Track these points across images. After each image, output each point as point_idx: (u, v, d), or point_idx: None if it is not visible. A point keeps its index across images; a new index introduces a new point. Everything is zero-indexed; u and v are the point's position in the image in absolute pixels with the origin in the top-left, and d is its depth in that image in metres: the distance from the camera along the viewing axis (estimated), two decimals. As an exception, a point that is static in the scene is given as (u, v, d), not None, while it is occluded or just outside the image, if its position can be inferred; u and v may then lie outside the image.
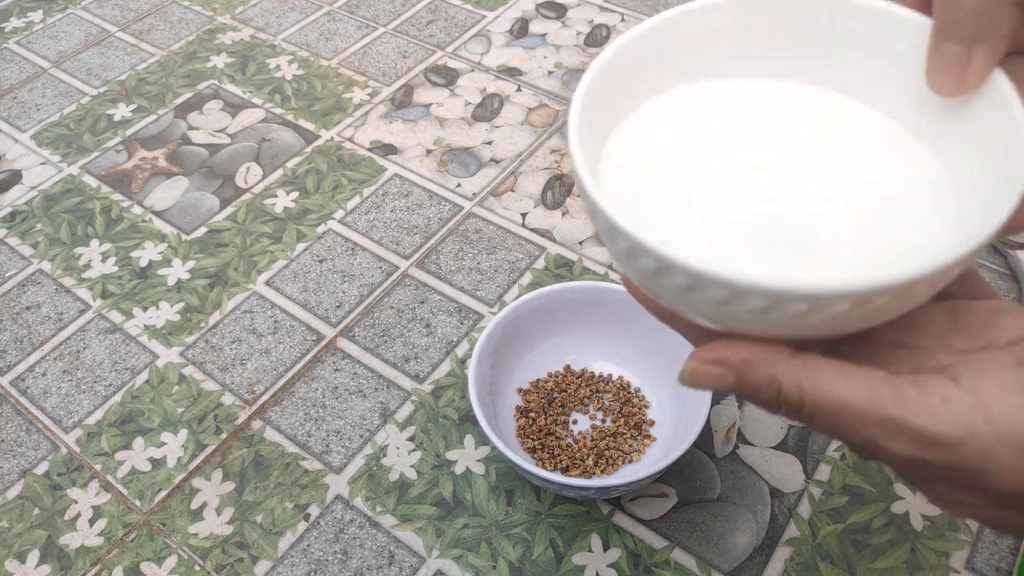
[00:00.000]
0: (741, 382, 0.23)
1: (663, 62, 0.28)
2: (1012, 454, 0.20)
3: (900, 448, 0.21)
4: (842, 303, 0.20)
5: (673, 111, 0.28)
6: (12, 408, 0.53)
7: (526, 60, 0.76)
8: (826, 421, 0.22)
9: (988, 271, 0.56)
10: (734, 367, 0.23)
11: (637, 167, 0.27)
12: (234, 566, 0.45)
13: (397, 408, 0.52)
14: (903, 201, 0.25)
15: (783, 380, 0.22)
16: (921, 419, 0.20)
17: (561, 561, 0.45)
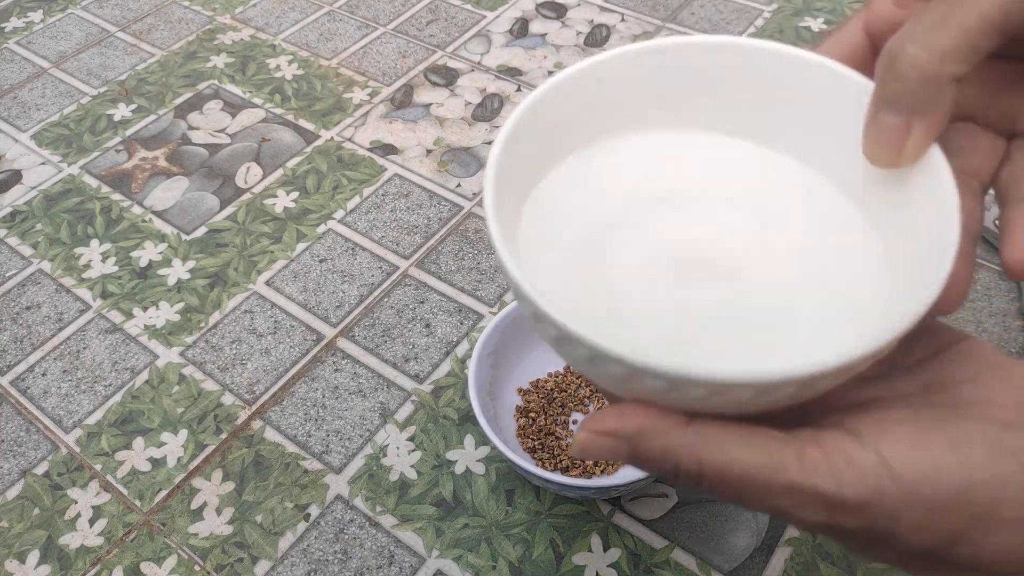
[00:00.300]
0: (635, 454, 0.22)
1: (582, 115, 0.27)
2: (918, 514, 0.19)
3: (810, 515, 0.20)
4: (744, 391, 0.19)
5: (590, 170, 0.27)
6: (12, 408, 0.53)
7: (526, 60, 0.76)
8: (729, 493, 0.21)
9: (988, 271, 0.57)
10: (626, 438, 0.21)
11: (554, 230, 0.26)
12: (234, 566, 0.45)
13: (397, 408, 0.52)
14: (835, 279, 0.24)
15: (680, 454, 0.21)
16: (827, 484, 0.20)
17: (561, 561, 0.45)
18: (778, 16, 0.79)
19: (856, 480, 0.19)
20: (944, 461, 0.19)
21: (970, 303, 0.55)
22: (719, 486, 0.21)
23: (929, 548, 0.20)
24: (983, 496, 0.19)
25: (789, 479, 0.20)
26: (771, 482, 0.20)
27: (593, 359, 0.20)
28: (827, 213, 0.26)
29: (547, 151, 0.27)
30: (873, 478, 0.19)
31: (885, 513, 0.19)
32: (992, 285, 0.56)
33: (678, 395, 0.20)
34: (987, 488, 0.19)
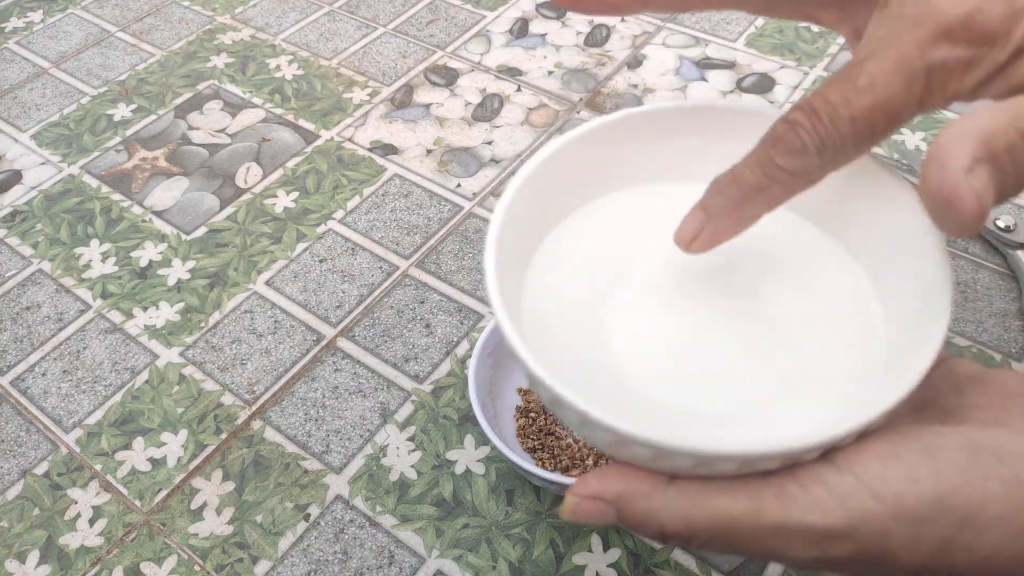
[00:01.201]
0: (621, 517, 0.22)
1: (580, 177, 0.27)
2: (908, 529, 0.19)
3: (799, 552, 0.20)
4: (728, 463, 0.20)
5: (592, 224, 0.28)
6: (12, 408, 0.53)
7: (526, 60, 0.76)
8: (719, 544, 0.21)
9: (988, 271, 0.57)
10: (612, 502, 0.22)
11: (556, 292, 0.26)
12: (234, 566, 0.45)
13: (397, 408, 0.52)
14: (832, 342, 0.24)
15: (663, 515, 0.21)
16: (809, 515, 0.19)
17: (561, 561, 0.45)
18: (778, 16, 0.79)
19: (837, 505, 0.19)
20: (920, 471, 0.19)
21: (970, 303, 0.55)
22: (706, 539, 0.21)
23: (926, 562, 0.19)
24: (965, 498, 0.19)
25: (772, 519, 0.20)
26: (756, 526, 0.20)
27: (583, 424, 0.21)
28: (827, 270, 0.26)
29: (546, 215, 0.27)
30: (854, 501, 0.19)
31: (874, 534, 0.19)
32: (992, 285, 0.56)
33: (665, 463, 0.20)
34: (968, 489, 0.19)
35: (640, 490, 0.21)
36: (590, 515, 0.22)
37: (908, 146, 0.65)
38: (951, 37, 0.19)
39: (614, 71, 0.75)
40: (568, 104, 0.71)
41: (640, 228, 0.28)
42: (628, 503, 0.21)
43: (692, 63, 0.74)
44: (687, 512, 0.20)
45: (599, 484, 0.22)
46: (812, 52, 0.75)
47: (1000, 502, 0.19)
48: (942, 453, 0.19)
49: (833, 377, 0.23)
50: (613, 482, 0.22)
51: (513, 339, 0.22)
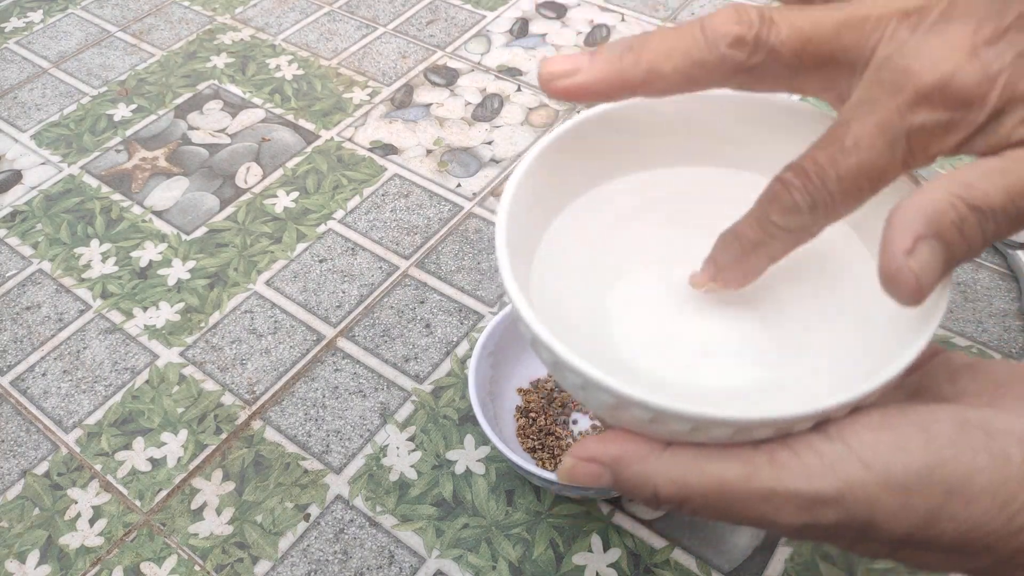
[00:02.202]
0: (617, 480, 0.22)
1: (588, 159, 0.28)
2: (894, 496, 0.19)
3: (789, 518, 0.20)
4: (722, 429, 0.20)
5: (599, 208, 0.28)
6: (12, 408, 0.53)
7: (526, 60, 0.76)
8: (711, 510, 0.21)
9: (988, 271, 0.57)
10: (607, 465, 0.22)
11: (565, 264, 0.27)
12: (234, 566, 0.45)
13: (397, 408, 0.52)
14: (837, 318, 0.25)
15: (657, 479, 0.21)
16: (799, 481, 0.20)
17: (561, 561, 0.45)
18: (778, 16, 0.79)
19: (827, 472, 0.20)
20: (910, 441, 0.20)
21: (970, 303, 0.55)
22: (699, 504, 0.21)
23: (911, 531, 0.20)
24: (954, 469, 0.19)
25: (763, 484, 0.20)
26: (748, 491, 0.20)
27: (585, 386, 0.21)
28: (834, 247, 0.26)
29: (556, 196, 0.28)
30: (843, 467, 0.20)
31: (861, 501, 0.20)
32: (992, 285, 0.56)
33: (661, 427, 0.21)
34: (957, 461, 0.19)
35: (636, 453, 0.22)
36: (586, 476, 0.23)
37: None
38: (929, 101, 0.20)
39: (614, 71, 0.74)
40: (568, 104, 0.71)
41: (646, 212, 0.28)
42: (624, 466, 0.22)
43: (692, 63, 0.74)
44: (681, 476, 0.21)
45: (597, 447, 0.22)
46: (812, 52, 0.75)
47: (988, 474, 0.19)
48: (933, 427, 0.20)
49: (831, 353, 0.24)
50: (610, 445, 0.22)
51: (519, 302, 0.22)
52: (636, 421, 0.21)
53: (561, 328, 0.24)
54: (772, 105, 0.27)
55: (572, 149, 0.27)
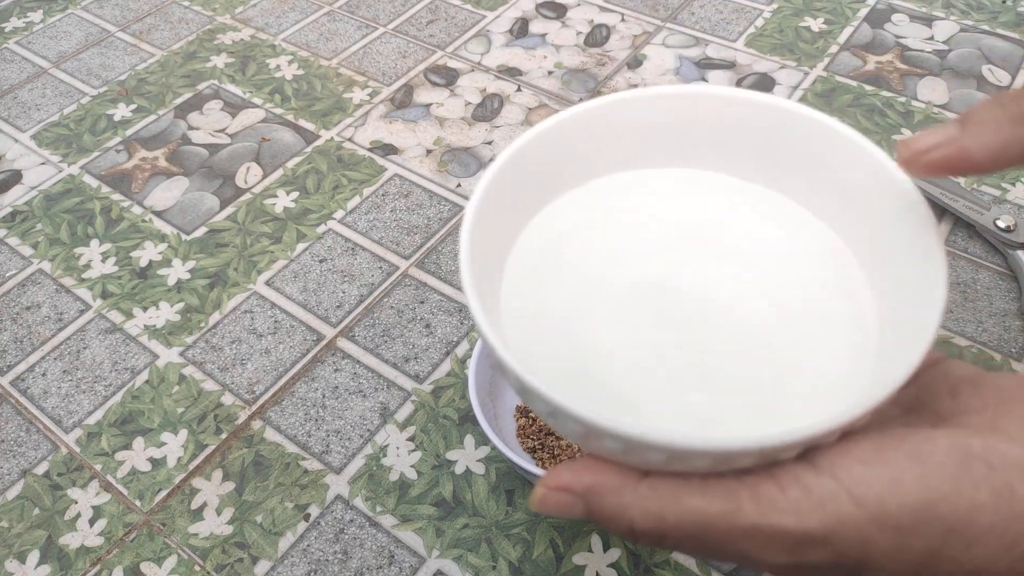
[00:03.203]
0: (590, 511, 0.21)
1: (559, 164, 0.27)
2: (889, 535, 0.18)
3: (775, 556, 0.19)
4: (701, 459, 0.19)
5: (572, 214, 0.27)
6: (12, 408, 0.53)
7: (526, 60, 0.76)
8: (691, 545, 0.20)
9: (988, 271, 0.57)
10: (581, 495, 0.21)
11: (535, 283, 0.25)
12: (234, 566, 0.45)
13: (397, 408, 0.52)
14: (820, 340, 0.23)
15: (633, 512, 0.20)
16: (786, 519, 0.18)
17: (561, 561, 0.45)
18: (778, 16, 0.79)
19: (815, 509, 0.18)
20: (905, 475, 0.18)
21: (970, 303, 0.55)
22: (678, 539, 0.20)
23: (909, 573, 0.18)
24: (954, 506, 0.18)
25: (747, 520, 0.19)
26: (730, 527, 0.19)
27: (553, 414, 0.20)
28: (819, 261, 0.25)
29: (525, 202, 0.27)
30: (833, 504, 0.18)
31: (853, 540, 0.18)
32: (992, 285, 0.56)
33: (636, 457, 0.20)
34: (958, 497, 0.18)
35: (611, 484, 0.20)
36: (557, 506, 0.21)
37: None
38: None
39: (614, 71, 0.74)
40: (568, 104, 0.71)
41: (616, 219, 0.27)
42: (598, 497, 0.20)
43: (692, 63, 0.74)
44: (659, 509, 0.20)
45: (569, 475, 0.21)
46: (812, 52, 0.75)
47: (991, 512, 0.18)
48: (930, 459, 0.18)
49: (820, 373, 0.23)
50: (584, 474, 0.21)
51: (483, 325, 0.21)
52: (610, 451, 0.20)
53: (534, 349, 0.23)
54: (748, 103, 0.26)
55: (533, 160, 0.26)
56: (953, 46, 0.75)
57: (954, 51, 0.74)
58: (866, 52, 0.75)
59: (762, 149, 0.26)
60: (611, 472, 0.20)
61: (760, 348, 0.24)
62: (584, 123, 0.26)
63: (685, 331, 0.24)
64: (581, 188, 0.28)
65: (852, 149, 0.24)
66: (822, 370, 0.23)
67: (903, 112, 0.68)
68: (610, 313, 0.25)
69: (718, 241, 0.26)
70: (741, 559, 0.20)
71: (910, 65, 0.73)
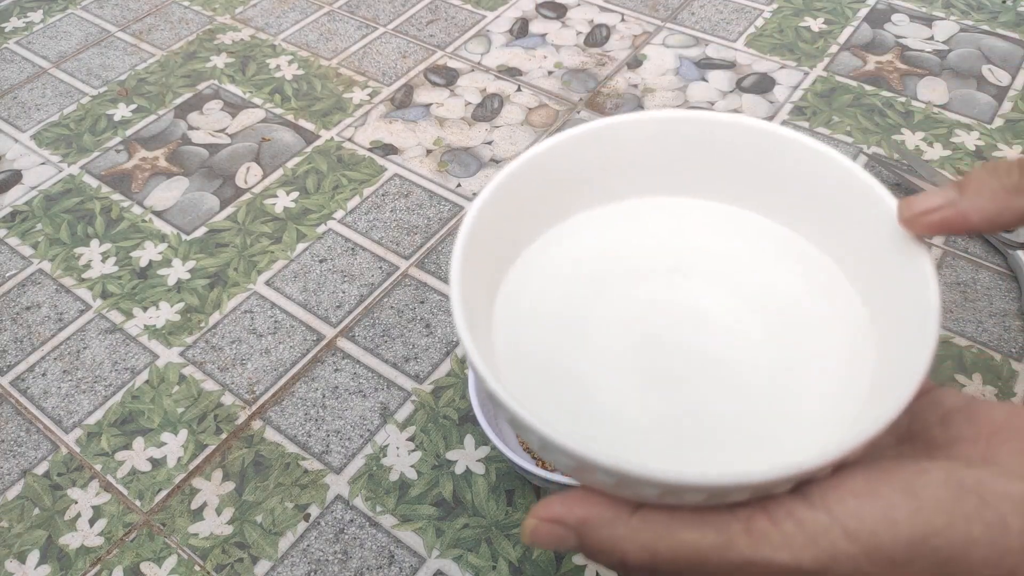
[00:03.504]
0: (583, 544, 0.21)
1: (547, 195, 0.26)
2: (883, 569, 0.18)
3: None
4: (694, 494, 0.19)
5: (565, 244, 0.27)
6: (12, 408, 0.53)
7: (526, 60, 0.76)
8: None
9: (988, 271, 0.57)
10: (572, 527, 0.21)
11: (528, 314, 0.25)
12: (234, 566, 0.45)
13: (397, 408, 0.52)
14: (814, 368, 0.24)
15: (625, 545, 0.20)
16: (780, 553, 0.18)
17: (561, 561, 0.45)
18: (778, 16, 0.79)
19: (809, 544, 0.18)
20: (899, 509, 0.18)
21: (970, 303, 0.55)
22: (670, 573, 0.20)
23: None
24: (948, 540, 0.18)
25: (740, 555, 0.19)
26: (722, 560, 0.19)
27: (544, 447, 0.20)
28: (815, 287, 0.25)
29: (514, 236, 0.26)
30: (826, 539, 0.18)
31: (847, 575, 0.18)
32: (992, 285, 0.56)
33: (629, 491, 0.20)
34: (951, 531, 0.18)
35: (603, 517, 0.20)
36: (549, 538, 0.21)
37: (908, 145, 0.65)
38: None
39: (614, 71, 0.75)
40: (568, 104, 0.71)
41: (612, 249, 0.27)
42: (590, 530, 0.20)
43: (692, 63, 0.74)
44: (651, 543, 0.20)
45: (561, 508, 0.21)
46: (812, 52, 0.75)
47: (985, 546, 0.18)
48: (923, 492, 0.18)
49: (813, 406, 0.23)
50: (576, 507, 0.21)
51: (473, 354, 0.21)
52: (602, 484, 0.20)
53: (526, 381, 0.23)
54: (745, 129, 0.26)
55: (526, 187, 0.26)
56: (953, 46, 0.75)
57: (954, 51, 0.74)
58: (866, 52, 0.75)
59: (751, 174, 0.26)
60: (603, 505, 0.20)
61: (754, 380, 0.24)
62: (569, 151, 0.26)
63: (679, 363, 0.24)
64: (567, 222, 0.28)
65: (842, 174, 0.24)
66: (815, 402, 0.23)
67: (903, 112, 0.68)
68: (602, 346, 0.25)
69: (709, 270, 0.26)
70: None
71: (910, 65, 0.73)
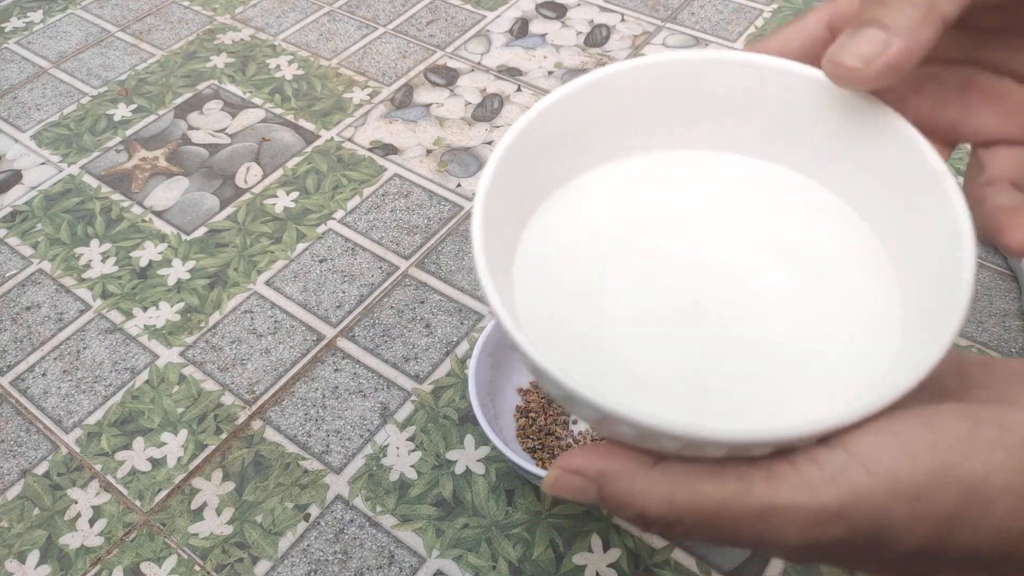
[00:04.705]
0: (602, 496, 0.21)
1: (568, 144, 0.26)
2: (905, 504, 0.18)
3: (791, 537, 0.19)
4: (716, 448, 0.19)
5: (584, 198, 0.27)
6: (12, 408, 0.53)
7: (526, 60, 0.76)
8: (704, 530, 0.20)
9: (988, 271, 0.57)
10: (593, 479, 0.21)
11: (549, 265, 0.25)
12: (234, 566, 0.45)
13: (397, 408, 0.52)
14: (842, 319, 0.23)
15: (645, 498, 0.20)
16: (800, 495, 0.18)
17: (561, 561, 0.45)
18: (778, 16, 0.79)
19: (829, 482, 0.18)
20: (918, 443, 0.18)
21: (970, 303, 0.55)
22: (691, 524, 0.20)
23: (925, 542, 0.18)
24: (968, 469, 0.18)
25: (760, 500, 0.19)
26: (744, 508, 0.19)
27: (567, 399, 0.20)
28: (837, 236, 0.25)
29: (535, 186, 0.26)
30: (846, 477, 0.18)
31: (868, 513, 0.18)
32: (992, 285, 0.56)
33: (651, 443, 0.20)
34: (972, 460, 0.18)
35: (624, 470, 0.20)
36: (570, 489, 0.21)
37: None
38: None
39: (614, 71, 0.74)
40: (568, 104, 0.71)
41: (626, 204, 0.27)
42: (610, 482, 0.20)
43: (692, 63, 0.74)
44: (671, 494, 0.20)
45: (583, 459, 0.21)
46: (812, 52, 0.75)
47: (1007, 472, 0.18)
48: (941, 427, 0.18)
49: (840, 359, 0.23)
50: (597, 459, 0.21)
51: (496, 302, 0.21)
52: (624, 436, 0.20)
53: (549, 328, 0.23)
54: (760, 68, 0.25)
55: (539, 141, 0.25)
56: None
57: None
58: (866, 52, 0.74)
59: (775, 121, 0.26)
60: (624, 458, 0.21)
61: (779, 330, 0.23)
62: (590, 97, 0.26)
63: (701, 314, 0.24)
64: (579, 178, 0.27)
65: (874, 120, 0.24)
66: (844, 352, 0.23)
67: (903, 112, 0.68)
68: (622, 300, 0.25)
69: (726, 220, 0.26)
70: (756, 542, 0.19)
71: (910, 65, 0.73)
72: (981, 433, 0.18)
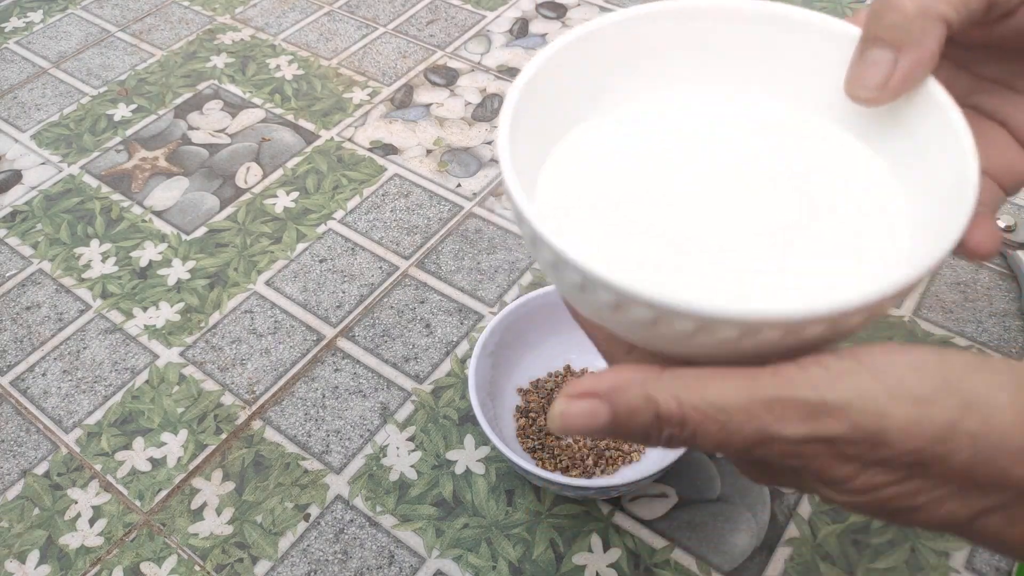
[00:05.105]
0: (615, 410, 0.21)
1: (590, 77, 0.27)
2: (906, 409, 0.18)
3: (792, 428, 0.19)
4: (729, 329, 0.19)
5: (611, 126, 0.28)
6: (12, 408, 0.53)
7: (526, 60, 0.76)
8: (711, 425, 0.20)
9: (988, 271, 0.57)
10: (605, 395, 0.21)
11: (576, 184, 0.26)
12: (234, 566, 0.45)
13: (397, 408, 0.52)
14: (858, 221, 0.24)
15: (658, 396, 0.20)
16: (804, 390, 0.19)
17: (561, 561, 0.45)
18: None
19: (835, 381, 0.19)
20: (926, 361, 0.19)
21: (970, 303, 0.55)
22: (699, 421, 0.20)
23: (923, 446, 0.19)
24: (973, 384, 0.18)
25: (765, 392, 0.19)
26: (750, 400, 0.19)
27: (584, 286, 0.20)
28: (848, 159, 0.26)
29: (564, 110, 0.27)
30: (852, 378, 0.19)
31: (870, 412, 0.19)
32: (992, 285, 0.56)
33: (665, 329, 0.20)
34: (977, 375, 0.18)
35: (634, 379, 0.21)
36: (581, 415, 0.21)
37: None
38: None
39: (614, 71, 0.75)
40: (568, 104, 0.71)
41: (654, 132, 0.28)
42: (621, 393, 0.21)
43: (692, 63, 0.74)
44: (681, 392, 0.20)
45: (591, 381, 0.21)
46: (812, 52, 0.75)
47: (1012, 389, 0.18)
48: (950, 353, 0.19)
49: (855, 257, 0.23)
50: (605, 377, 0.21)
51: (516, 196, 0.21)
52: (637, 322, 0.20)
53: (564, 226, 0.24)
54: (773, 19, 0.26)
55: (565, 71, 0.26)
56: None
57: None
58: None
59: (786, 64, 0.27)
60: (632, 370, 0.21)
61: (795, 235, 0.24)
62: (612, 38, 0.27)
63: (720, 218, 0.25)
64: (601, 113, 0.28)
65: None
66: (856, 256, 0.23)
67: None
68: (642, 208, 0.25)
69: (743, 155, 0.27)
70: (759, 435, 0.20)
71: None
72: (989, 361, 0.19)
